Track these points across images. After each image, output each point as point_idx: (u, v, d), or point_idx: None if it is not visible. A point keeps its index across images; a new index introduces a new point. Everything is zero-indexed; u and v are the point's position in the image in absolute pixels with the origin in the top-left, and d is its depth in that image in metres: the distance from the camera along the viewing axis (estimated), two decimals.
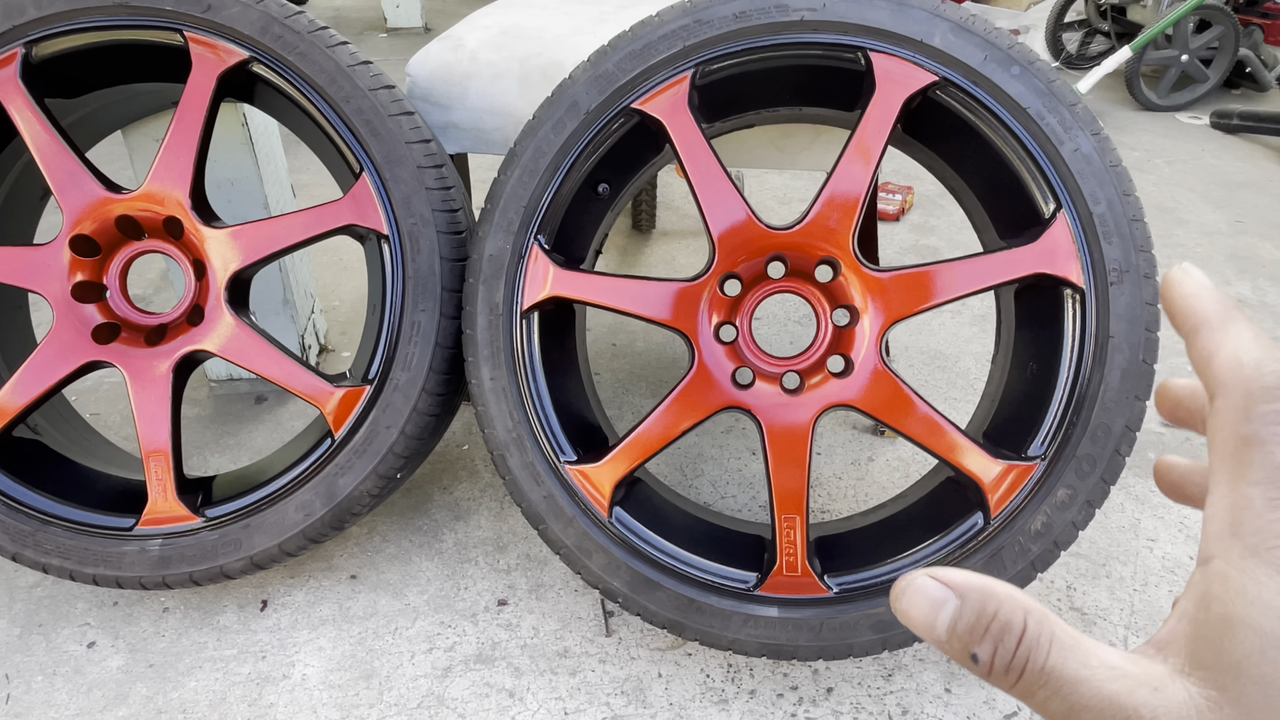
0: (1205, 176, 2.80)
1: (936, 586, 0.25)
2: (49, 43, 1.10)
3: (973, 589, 0.24)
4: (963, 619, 0.24)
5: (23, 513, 1.13)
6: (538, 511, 1.05)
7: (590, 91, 1.03)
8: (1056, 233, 0.97)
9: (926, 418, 1.01)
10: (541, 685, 1.11)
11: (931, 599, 0.25)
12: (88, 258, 1.14)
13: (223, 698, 1.10)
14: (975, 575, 0.25)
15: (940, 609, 0.25)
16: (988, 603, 0.24)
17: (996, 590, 0.24)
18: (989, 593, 0.24)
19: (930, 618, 0.25)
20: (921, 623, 0.25)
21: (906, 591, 0.25)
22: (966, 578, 0.25)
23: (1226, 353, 0.25)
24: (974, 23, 0.97)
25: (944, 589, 0.25)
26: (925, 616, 0.25)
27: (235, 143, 1.45)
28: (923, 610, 0.25)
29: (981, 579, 0.25)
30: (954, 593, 0.25)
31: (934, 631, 0.25)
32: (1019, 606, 0.24)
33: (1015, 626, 0.24)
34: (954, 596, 0.25)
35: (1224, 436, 0.24)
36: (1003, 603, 0.24)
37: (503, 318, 1.06)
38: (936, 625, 0.25)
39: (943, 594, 0.25)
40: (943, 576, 0.25)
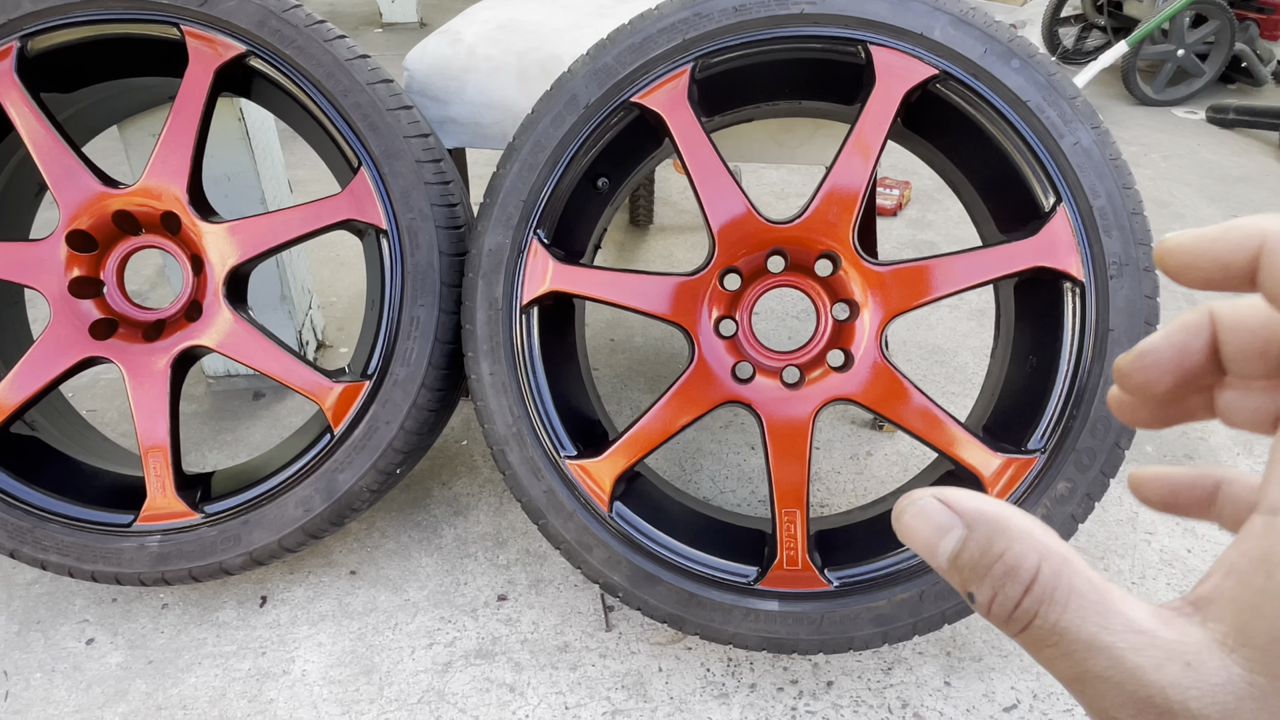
0: (1201, 171, 2.80)
1: (942, 511, 0.22)
2: (45, 36, 1.09)
3: (983, 520, 0.21)
4: (966, 551, 0.21)
5: (20, 509, 1.12)
6: (538, 506, 1.05)
7: (589, 85, 1.02)
8: (1056, 226, 0.97)
9: (926, 411, 1.02)
10: (542, 680, 1.11)
11: (935, 524, 0.22)
12: (85, 253, 1.14)
13: (223, 694, 1.10)
14: (990, 502, 0.21)
15: (943, 536, 0.22)
16: (996, 539, 0.21)
17: (1009, 525, 0.21)
18: (999, 527, 0.21)
19: (932, 544, 0.22)
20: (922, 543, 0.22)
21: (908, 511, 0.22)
22: (979, 505, 0.21)
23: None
24: (974, 16, 0.97)
25: (950, 515, 0.21)
26: (927, 541, 0.22)
27: (232, 138, 1.45)
28: (925, 535, 0.22)
29: (997, 507, 0.21)
30: (961, 520, 0.21)
31: (935, 558, 0.22)
32: (1033, 549, 0.20)
33: (1024, 573, 0.20)
34: (960, 525, 0.21)
35: None
36: (1013, 542, 0.20)
37: (502, 312, 1.05)
38: (939, 552, 0.22)
39: (948, 520, 0.21)
40: (951, 500, 0.22)
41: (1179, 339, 0.24)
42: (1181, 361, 0.24)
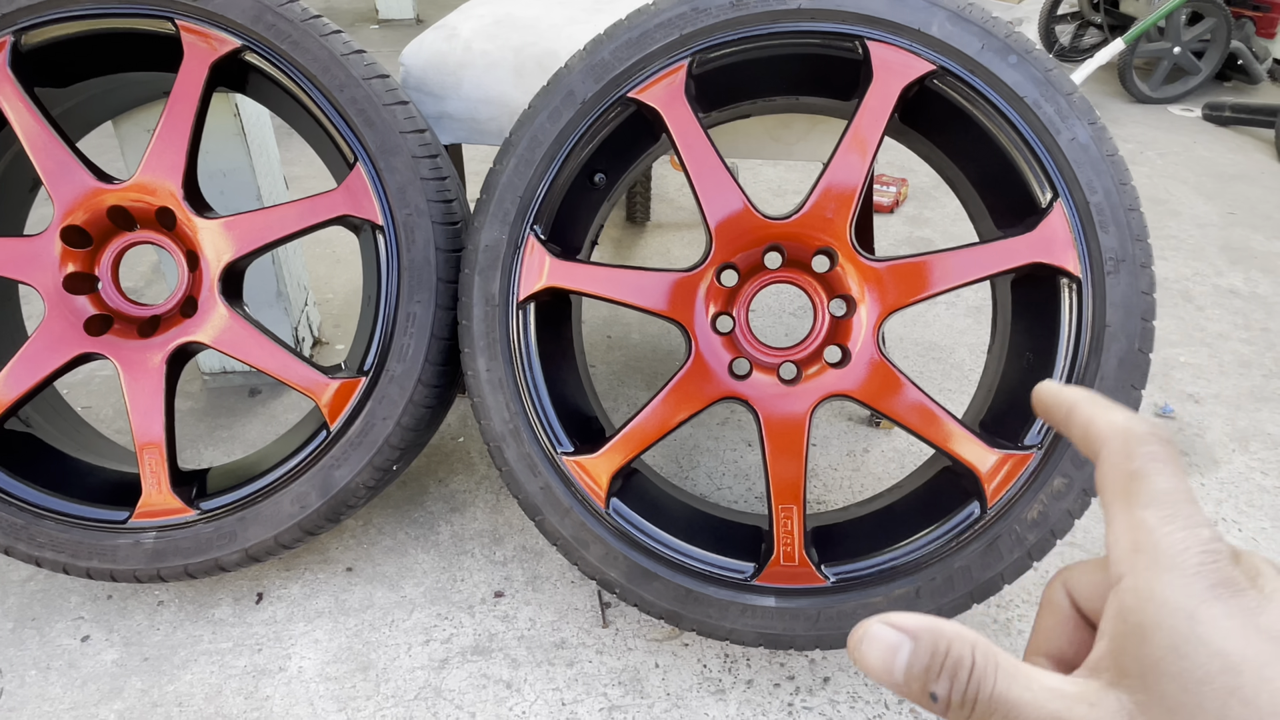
0: (1197, 168, 2.81)
1: (890, 632, 0.26)
2: (39, 31, 1.09)
3: (924, 630, 0.26)
4: (917, 660, 0.26)
5: (15, 506, 1.12)
6: (534, 503, 1.05)
7: (586, 80, 1.02)
8: (1053, 222, 0.97)
9: (923, 407, 1.02)
10: (539, 676, 1.11)
11: (887, 644, 0.26)
12: (79, 249, 1.13)
13: (219, 690, 1.10)
14: (924, 617, 0.27)
15: (896, 653, 0.26)
16: (939, 642, 0.26)
17: (945, 629, 0.26)
18: (938, 632, 0.26)
19: (888, 663, 0.26)
20: (880, 669, 0.26)
21: (864, 641, 0.27)
22: (917, 620, 0.26)
23: (1102, 417, 0.29)
24: (971, 11, 0.97)
25: (898, 634, 0.26)
26: (882, 662, 0.26)
27: (228, 133, 1.44)
28: (880, 656, 0.26)
29: (929, 620, 0.26)
30: (907, 636, 0.26)
31: (892, 676, 0.26)
32: (966, 642, 0.26)
33: (966, 661, 0.25)
34: (908, 640, 0.26)
35: (1113, 477, 0.28)
36: (952, 640, 0.26)
37: (499, 309, 1.05)
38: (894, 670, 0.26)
39: (897, 639, 0.26)
40: (895, 621, 0.27)
41: (1050, 623, 0.31)
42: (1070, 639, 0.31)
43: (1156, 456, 0.27)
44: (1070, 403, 0.31)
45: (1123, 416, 0.29)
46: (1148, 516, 0.26)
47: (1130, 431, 0.28)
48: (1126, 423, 0.29)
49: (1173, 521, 0.26)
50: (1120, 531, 0.27)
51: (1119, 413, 0.29)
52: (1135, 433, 0.28)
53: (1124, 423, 0.29)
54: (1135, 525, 0.26)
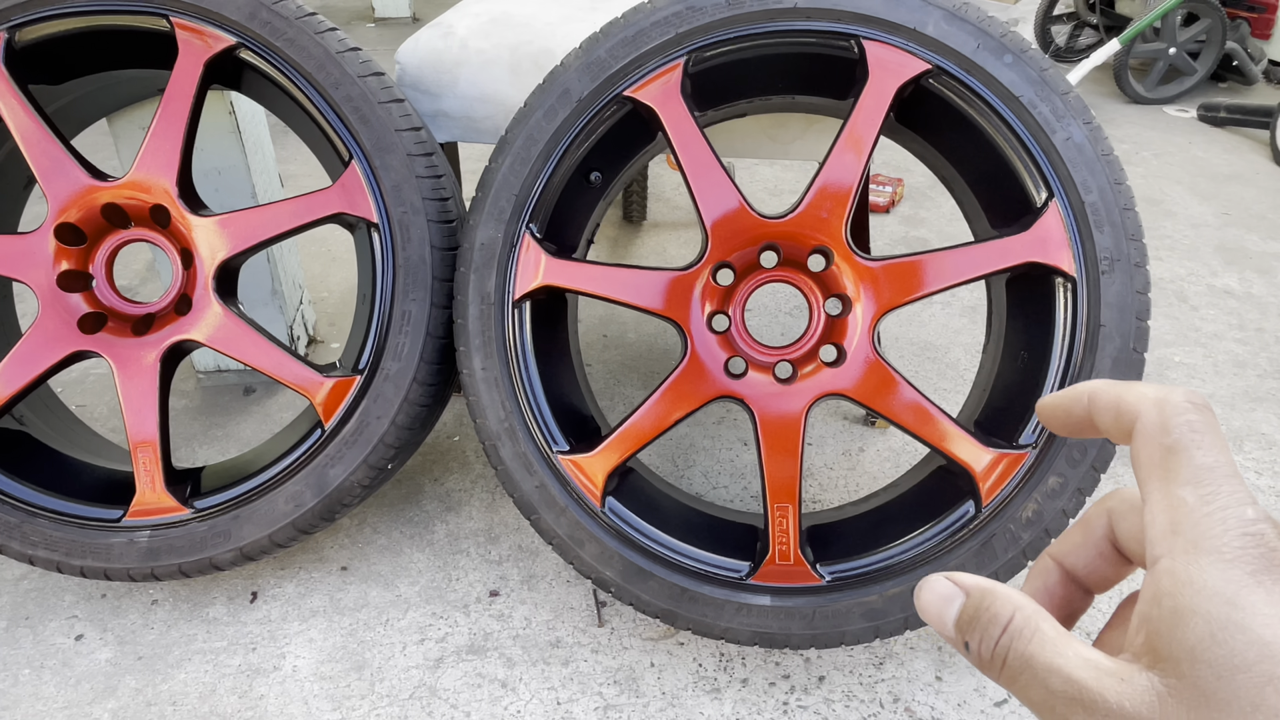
0: (1192, 169, 2.82)
1: (947, 584, 0.28)
2: (33, 27, 1.08)
3: (977, 588, 0.27)
4: (965, 613, 0.27)
5: (9, 504, 1.11)
6: (530, 502, 1.05)
7: (582, 79, 1.02)
8: (1048, 221, 0.97)
9: (918, 406, 1.02)
10: (534, 675, 1.11)
11: (942, 595, 0.28)
12: (73, 246, 1.13)
13: (213, 689, 1.09)
14: (985, 579, 0.28)
15: (949, 604, 0.28)
16: (985, 598, 0.27)
17: (997, 590, 0.27)
18: (989, 591, 0.27)
19: (941, 612, 0.28)
20: (934, 616, 0.28)
21: (924, 589, 0.29)
22: (976, 580, 0.28)
23: (1131, 392, 0.28)
24: (967, 10, 0.97)
25: (954, 587, 0.28)
26: (937, 611, 0.28)
27: (223, 131, 1.44)
28: (935, 606, 0.28)
29: (989, 583, 0.28)
30: (961, 590, 0.28)
31: (944, 625, 0.28)
32: (1010, 603, 0.26)
33: (1001, 618, 0.26)
34: (961, 594, 0.28)
35: (1149, 451, 0.27)
36: (997, 599, 0.27)
37: (494, 307, 1.05)
38: (946, 619, 0.28)
39: (952, 591, 0.28)
40: (955, 577, 0.28)
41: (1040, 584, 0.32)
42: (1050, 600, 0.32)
43: (1195, 428, 0.26)
44: (1088, 392, 0.29)
45: (1153, 389, 0.28)
46: (1186, 495, 0.25)
47: (1166, 401, 0.27)
48: (1160, 393, 0.27)
49: (1213, 501, 0.24)
50: (1158, 510, 0.26)
51: (1148, 386, 0.28)
52: (1171, 402, 0.26)
53: (1157, 393, 0.27)
54: (1173, 504, 0.25)
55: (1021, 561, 1.00)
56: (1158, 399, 0.27)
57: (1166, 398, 0.27)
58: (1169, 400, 0.27)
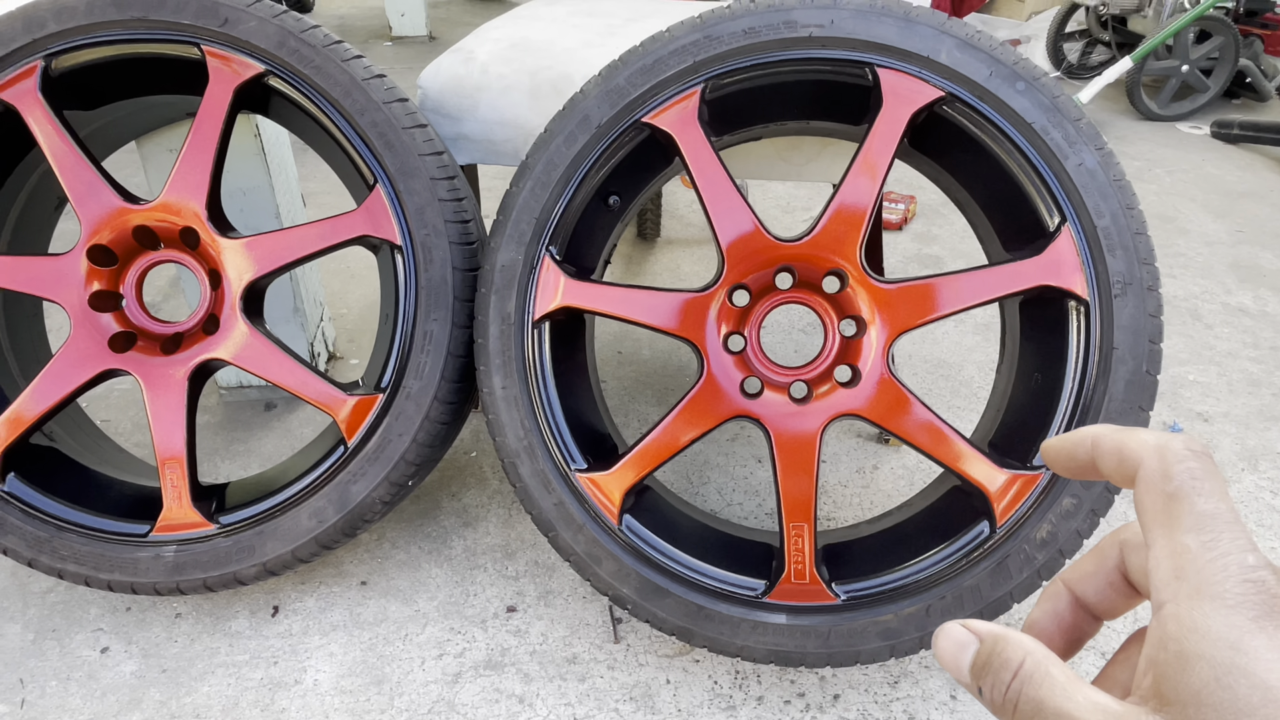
0: (1206, 186, 2.82)
1: (963, 632, 0.29)
2: (68, 56, 1.12)
3: (991, 634, 0.28)
4: (979, 660, 0.28)
5: (39, 519, 1.14)
6: (548, 519, 1.07)
7: (602, 105, 1.04)
8: (1061, 245, 0.99)
9: (933, 427, 1.03)
10: (550, 691, 1.12)
11: (958, 642, 0.29)
12: (105, 267, 1.16)
13: (235, 703, 1.11)
14: (998, 626, 0.29)
15: (964, 651, 0.29)
16: (997, 644, 0.28)
17: (1008, 636, 0.28)
18: (1002, 637, 0.28)
19: (956, 658, 0.29)
20: (950, 663, 0.29)
21: (940, 636, 0.30)
22: (990, 627, 0.29)
23: (1133, 439, 0.29)
24: (980, 39, 0.99)
25: (969, 634, 0.29)
26: (953, 658, 0.29)
27: (248, 153, 1.47)
28: (951, 652, 0.29)
29: (1002, 629, 0.29)
30: (976, 637, 0.29)
31: (960, 672, 0.29)
32: (1021, 648, 0.27)
33: (1013, 663, 0.27)
34: (975, 640, 0.29)
35: (1152, 499, 0.27)
36: (1009, 644, 0.28)
37: (514, 327, 1.07)
38: (961, 665, 0.29)
39: (967, 638, 0.29)
40: (970, 625, 0.29)
41: (1050, 607, 0.33)
42: (1060, 624, 0.33)
43: (1196, 474, 0.27)
44: (1091, 437, 0.30)
45: (1154, 436, 0.28)
46: (1189, 541, 0.26)
47: (1166, 449, 0.27)
48: (1160, 440, 0.28)
49: (1215, 547, 0.25)
50: (1161, 557, 0.26)
51: (1148, 433, 0.29)
52: (1172, 450, 0.27)
53: (1158, 441, 0.28)
54: (1176, 551, 0.26)
55: (1036, 582, 1.00)
56: (1159, 446, 0.28)
57: (1167, 445, 0.28)
58: (1169, 448, 0.27)
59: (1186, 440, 0.28)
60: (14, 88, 1.10)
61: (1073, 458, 0.31)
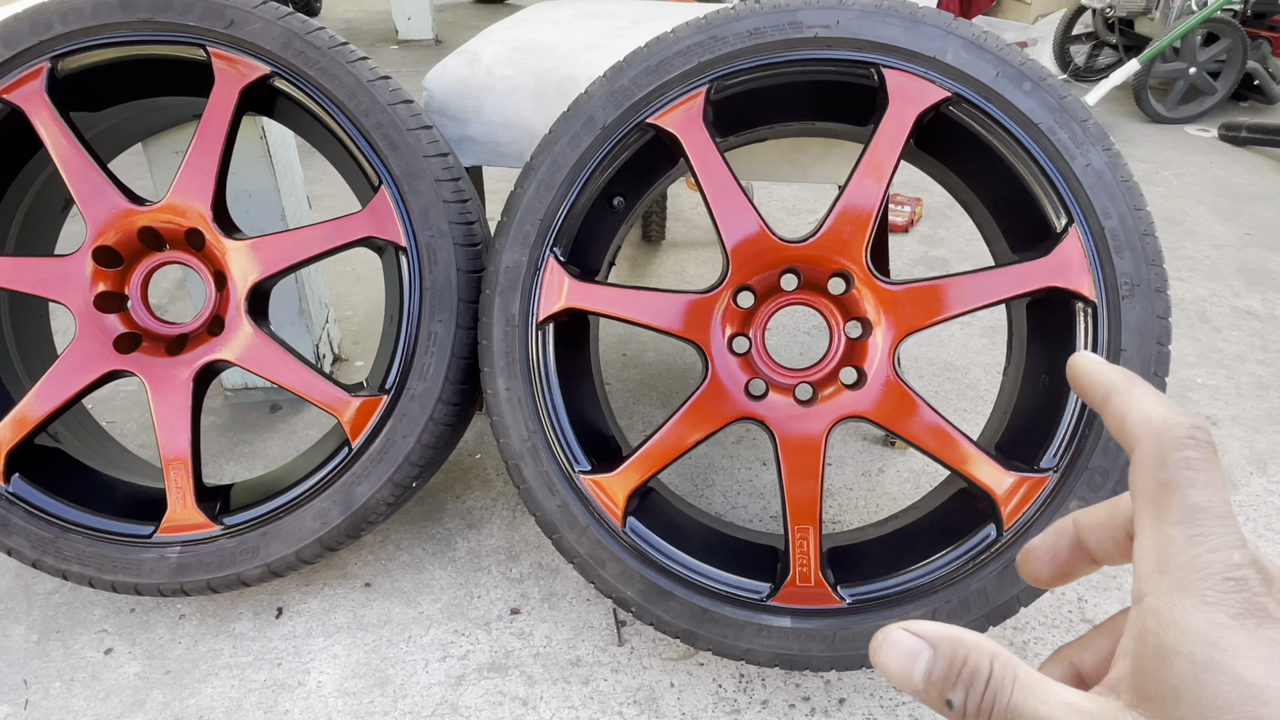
0: (1214, 189, 2.80)
1: (910, 639, 0.27)
2: (74, 57, 1.12)
3: (944, 639, 0.26)
4: (936, 668, 0.26)
5: (43, 520, 1.14)
6: (552, 521, 1.06)
7: (606, 106, 1.04)
8: (1068, 247, 0.98)
9: (939, 429, 1.02)
10: (554, 694, 1.12)
11: (907, 650, 0.27)
12: (110, 268, 1.16)
13: (239, 704, 1.11)
14: (945, 626, 0.27)
15: (915, 660, 0.26)
16: (957, 650, 0.26)
17: (965, 638, 0.26)
18: (958, 640, 0.26)
19: (907, 668, 0.27)
20: (899, 674, 0.27)
21: (883, 646, 0.27)
22: (939, 629, 0.27)
23: (1137, 411, 0.27)
24: (986, 39, 0.98)
25: (918, 641, 0.27)
26: (902, 667, 0.27)
27: (254, 155, 1.47)
28: (899, 661, 0.27)
29: (951, 629, 0.27)
30: (927, 643, 0.26)
31: (911, 682, 0.26)
32: (985, 652, 0.26)
33: (983, 671, 0.26)
34: (927, 647, 0.26)
35: (1144, 484, 0.26)
36: (970, 649, 0.26)
37: (519, 329, 1.07)
38: (913, 676, 0.26)
39: (916, 645, 0.27)
40: (916, 629, 0.27)
41: (1051, 540, 0.33)
42: (1054, 558, 0.33)
43: (1191, 464, 0.26)
44: (1107, 387, 0.29)
45: (1160, 411, 0.27)
46: (1175, 534, 0.25)
47: (1166, 434, 0.26)
48: (1163, 421, 0.26)
49: (1202, 542, 0.25)
50: (1147, 547, 0.26)
51: (1157, 405, 0.27)
52: (1171, 436, 0.26)
53: (1160, 421, 0.27)
54: (1162, 542, 0.25)
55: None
56: (1159, 430, 0.26)
57: (1167, 430, 0.26)
58: (1169, 433, 0.26)
59: (1191, 425, 0.26)
60: (20, 89, 1.11)
61: (1085, 393, 0.30)
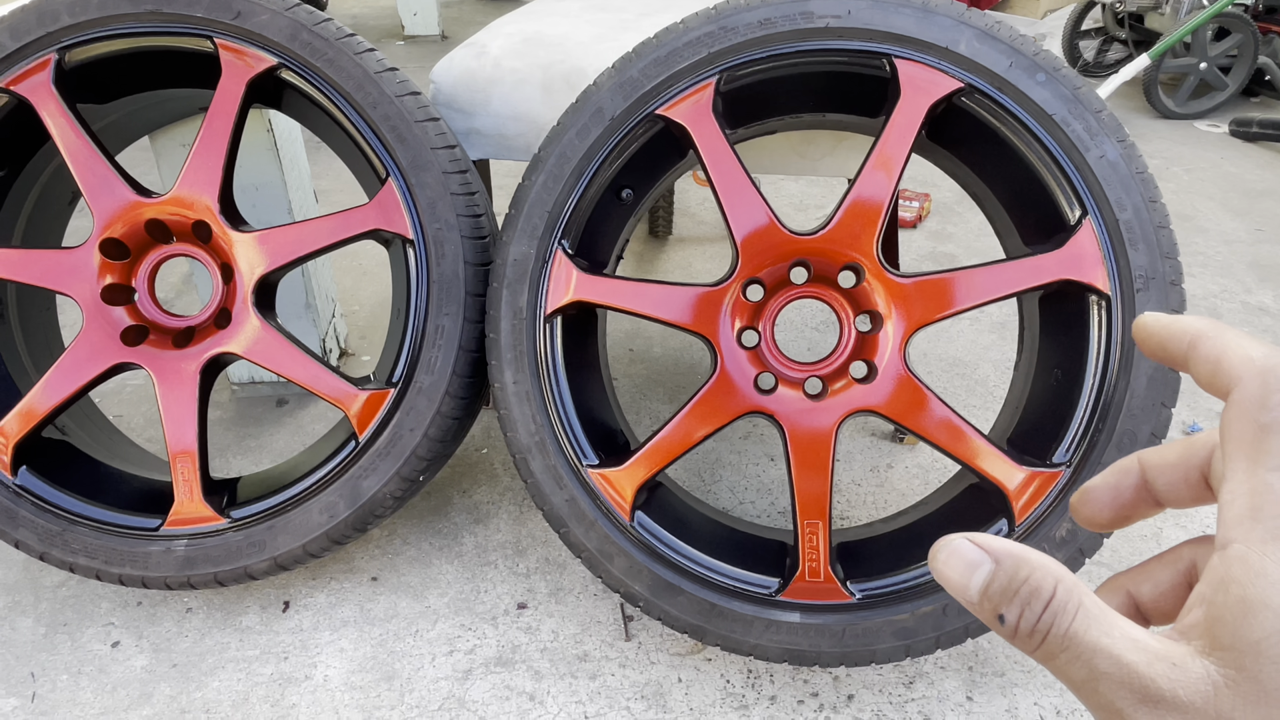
0: (1224, 184, 2.78)
1: (973, 549, 0.25)
2: (82, 49, 1.12)
3: (1008, 554, 0.25)
4: (995, 582, 0.25)
5: (51, 512, 1.14)
6: (559, 515, 1.06)
7: (615, 98, 1.03)
8: (1082, 239, 0.97)
9: (950, 423, 1.01)
10: (561, 689, 1.11)
11: (968, 560, 0.25)
12: (117, 261, 1.16)
13: (245, 698, 1.11)
14: (1012, 543, 0.25)
15: (975, 571, 0.25)
16: (1020, 568, 0.25)
17: (1031, 558, 0.25)
18: (1023, 559, 0.25)
19: (965, 578, 0.25)
20: (956, 583, 0.26)
21: (943, 551, 0.26)
22: (1004, 544, 0.25)
23: (1235, 351, 0.26)
24: (999, 29, 0.97)
25: (980, 552, 0.25)
26: (960, 577, 0.25)
27: (261, 148, 1.47)
28: (958, 571, 0.25)
29: (1019, 547, 0.25)
30: (990, 557, 0.25)
31: (967, 592, 0.25)
32: (1050, 574, 0.24)
33: (1044, 592, 0.24)
34: (989, 560, 0.25)
35: (1242, 426, 0.24)
36: (1035, 569, 0.24)
37: (526, 322, 1.06)
38: (970, 586, 0.25)
39: (979, 556, 0.25)
40: (980, 541, 0.26)
41: (1113, 480, 0.30)
42: (1116, 499, 0.30)
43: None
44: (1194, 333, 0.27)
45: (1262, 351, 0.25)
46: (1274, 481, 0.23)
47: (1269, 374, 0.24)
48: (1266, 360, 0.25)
49: None
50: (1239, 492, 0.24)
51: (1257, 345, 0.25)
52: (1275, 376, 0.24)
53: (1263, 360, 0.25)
54: (1258, 488, 0.23)
55: None
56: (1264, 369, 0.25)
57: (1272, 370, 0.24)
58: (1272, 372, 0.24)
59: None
60: (28, 81, 1.10)
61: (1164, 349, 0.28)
